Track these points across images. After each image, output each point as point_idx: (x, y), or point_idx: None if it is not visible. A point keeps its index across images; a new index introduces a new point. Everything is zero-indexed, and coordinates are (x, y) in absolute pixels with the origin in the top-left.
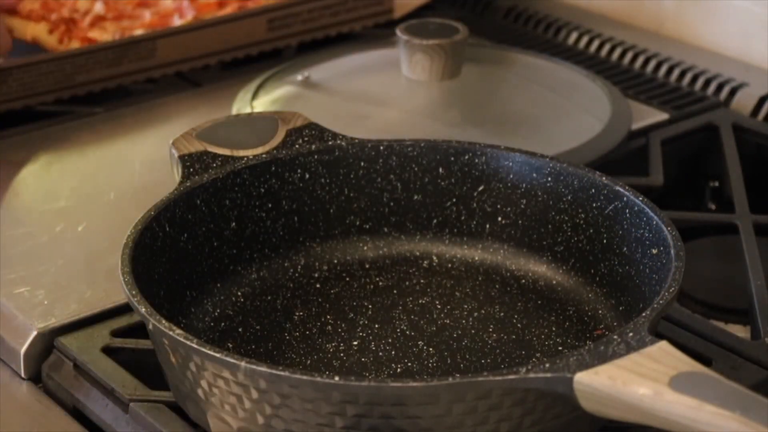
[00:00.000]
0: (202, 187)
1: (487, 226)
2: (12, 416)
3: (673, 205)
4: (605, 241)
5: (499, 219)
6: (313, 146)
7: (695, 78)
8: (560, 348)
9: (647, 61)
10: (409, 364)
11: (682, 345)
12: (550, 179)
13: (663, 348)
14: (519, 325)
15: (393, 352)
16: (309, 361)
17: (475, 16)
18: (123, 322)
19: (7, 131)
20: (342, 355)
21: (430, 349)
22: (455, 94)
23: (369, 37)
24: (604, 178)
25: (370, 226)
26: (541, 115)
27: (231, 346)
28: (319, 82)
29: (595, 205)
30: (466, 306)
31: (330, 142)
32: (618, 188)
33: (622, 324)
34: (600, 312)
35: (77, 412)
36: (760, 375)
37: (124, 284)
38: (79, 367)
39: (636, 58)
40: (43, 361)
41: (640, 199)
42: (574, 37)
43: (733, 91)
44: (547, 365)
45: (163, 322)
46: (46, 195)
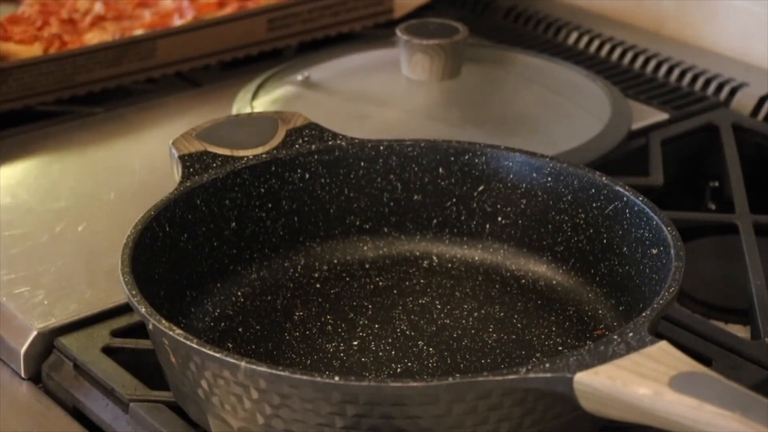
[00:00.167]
0: (202, 187)
1: (487, 226)
2: (12, 416)
3: (673, 205)
4: (605, 241)
5: (499, 219)
6: (313, 146)
7: (695, 78)
8: (560, 348)
9: (647, 61)
10: (409, 364)
11: (682, 345)
12: (550, 179)
13: (663, 348)
14: (519, 325)
15: (393, 352)
16: (309, 361)
17: (475, 16)
18: (123, 322)
19: (7, 131)
20: (342, 355)
21: (430, 349)
22: (455, 94)
23: (369, 37)
24: (604, 178)
25: (370, 226)
26: (541, 115)
27: (231, 346)
28: (319, 82)
29: (595, 205)
30: (466, 306)
31: (330, 142)
32: (618, 188)
33: (622, 324)
34: (600, 312)
35: (77, 412)
36: (760, 375)
37: (124, 284)
38: (79, 367)
39: (636, 58)
40: (43, 361)
41: (640, 199)
42: (574, 37)
43: (733, 91)
44: (547, 365)
45: (163, 322)
46: (46, 195)
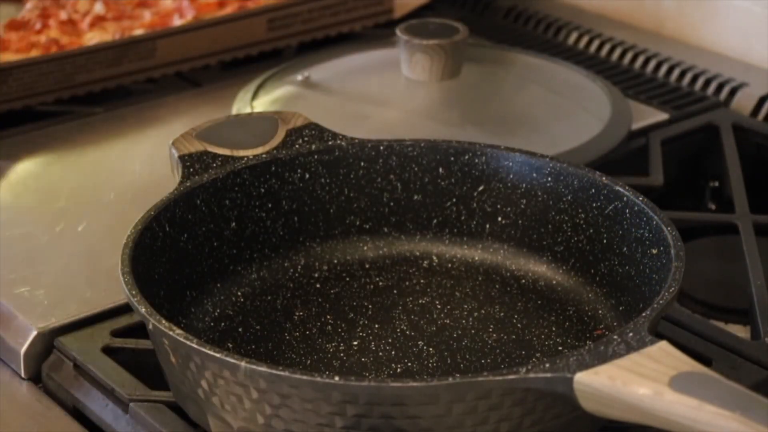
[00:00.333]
0: (202, 187)
1: (487, 226)
2: (12, 416)
3: (673, 205)
4: (605, 241)
5: (499, 219)
6: (313, 146)
7: (695, 78)
8: (560, 348)
9: (647, 61)
10: (409, 364)
11: (682, 345)
12: (550, 179)
13: (663, 348)
14: (519, 325)
15: (393, 352)
16: (309, 361)
17: (475, 16)
18: (123, 322)
19: (7, 131)
20: (342, 355)
21: (430, 349)
22: (455, 94)
23: (369, 37)
24: (604, 178)
25: (370, 226)
26: (541, 115)
27: (231, 346)
28: (319, 82)
29: (595, 205)
30: (466, 306)
31: (330, 142)
32: (618, 188)
33: (622, 324)
34: (600, 312)
35: (77, 412)
36: (760, 375)
37: (124, 284)
38: (79, 367)
39: (636, 58)
40: (43, 361)
41: (640, 199)
42: (574, 37)
43: (733, 91)
44: (547, 365)
45: (163, 322)
46: (46, 195)
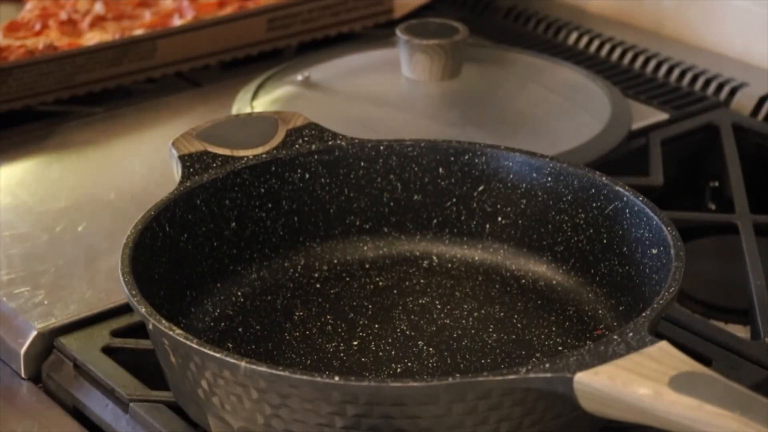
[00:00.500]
0: (202, 187)
1: (487, 226)
2: (12, 416)
3: (673, 205)
4: (605, 241)
5: (499, 219)
6: (313, 146)
7: (695, 78)
8: (560, 348)
9: (647, 61)
10: (409, 364)
11: (682, 345)
12: (550, 179)
13: (663, 348)
14: (519, 325)
15: (393, 352)
16: (309, 361)
17: (475, 16)
18: (123, 322)
19: (7, 131)
20: (342, 355)
21: (430, 349)
22: (455, 94)
23: (369, 37)
24: (604, 178)
25: (370, 226)
26: (541, 115)
27: (231, 346)
28: (319, 82)
29: (595, 205)
30: (466, 306)
31: (330, 142)
32: (618, 188)
33: (622, 324)
34: (600, 312)
35: (77, 412)
36: (760, 375)
37: (124, 284)
38: (79, 367)
39: (636, 58)
40: (43, 361)
41: (640, 199)
42: (574, 37)
43: (733, 91)
44: (547, 365)
45: (163, 322)
46: (46, 195)
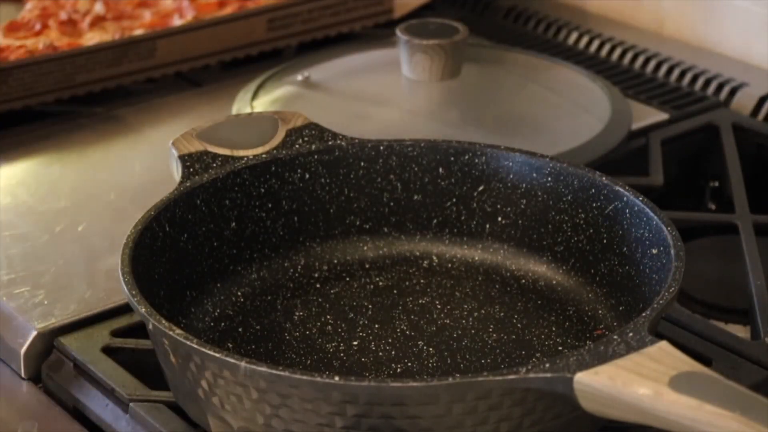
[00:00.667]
0: (202, 187)
1: (487, 226)
2: (12, 416)
3: (673, 205)
4: (605, 241)
5: (499, 219)
6: (313, 146)
7: (695, 78)
8: (560, 348)
9: (647, 61)
10: (409, 364)
11: (682, 345)
12: (550, 179)
13: (663, 348)
14: (519, 325)
15: (393, 352)
16: (309, 361)
17: (475, 16)
18: (123, 322)
19: (7, 131)
20: (342, 355)
21: (430, 349)
22: (455, 94)
23: (369, 37)
24: (604, 178)
25: (370, 226)
26: (541, 115)
27: (231, 346)
28: (319, 82)
29: (595, 205)
30: (466, 306)
31: (330, 142)
32: (618, 188)
33: (622, 324)
34: (600, 312)
35: (77, 412)
36: (760, 375)
37: (124, 284)
38: (79, 367)
39: (636, 58)
40: (43, 361)
41: (640, 199)
42: (574, 37)
43: (733, 91)
44: (547, 365)
45: (163, 322)
46: (46, 195)
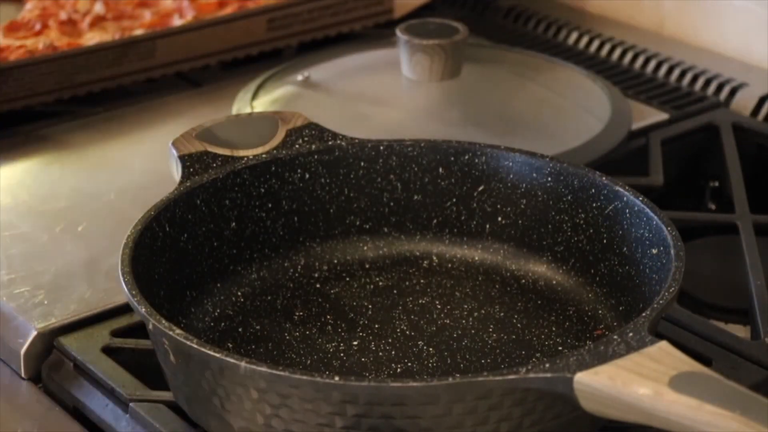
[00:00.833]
0: (202, 187)
1: (487, 226)
2: (12, 416)
3: (673, 205)
4: (605, 241)
5: (499, 219)
6: (313, 146)
7: (695, 78)
8: (560, 348)
9: (647, 61)
10: (409, 364)
11: (682, 345)
12: (550, 179)
13: (663, 348)
14: (519, 325)
15: (393, 352)
16: (309, 361)
17: (475, 16)
18: (123, 322)
19: (7, 131)
20: (342, 355)
21: (430, 349)
22: (455, 94)
23: (369, 37)
24: (604, 178)
25: (370, 226)
26: (541, 115)
27: (231, 346)
28: (319, 82)
29: (595, 205)
30: (466, 306)
31: (330, 142)
32: (618, 188)
33: (622, 324)
34: (600, 312)
35: (77, 412)
36: (760, 375)
37: (124, 284)
38: (79, 367)
39: (636, 58)
40: (43, 361)
41: (640, 199)
42: (574, 37)
43: (733, 91)
44: (547, 365)
45: (163, 322)
46: (46, 195)
